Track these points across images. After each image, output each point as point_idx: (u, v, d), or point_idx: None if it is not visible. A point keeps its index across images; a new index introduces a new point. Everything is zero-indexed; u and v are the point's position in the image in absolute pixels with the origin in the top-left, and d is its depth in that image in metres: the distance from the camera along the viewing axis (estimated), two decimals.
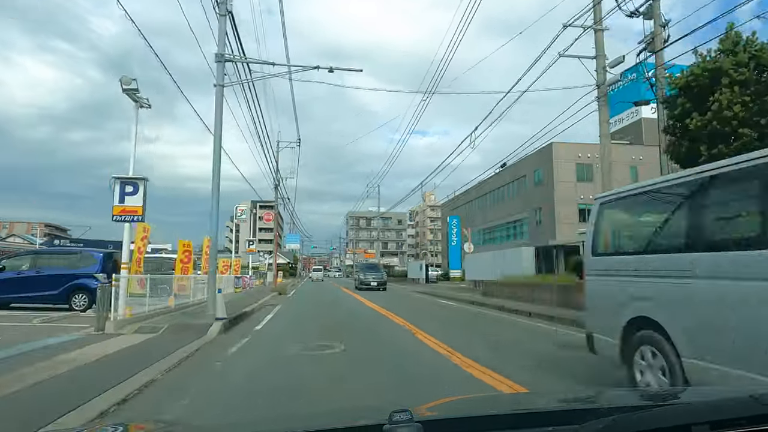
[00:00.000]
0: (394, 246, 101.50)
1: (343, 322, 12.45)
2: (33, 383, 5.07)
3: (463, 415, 1.45)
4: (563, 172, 39.31)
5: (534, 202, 42.21)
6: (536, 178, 42.41)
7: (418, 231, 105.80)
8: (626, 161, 40.02)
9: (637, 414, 1.12)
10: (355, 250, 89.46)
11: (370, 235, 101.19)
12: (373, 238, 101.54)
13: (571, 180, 39.36)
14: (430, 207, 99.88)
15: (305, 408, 4.54)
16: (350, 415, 1.80)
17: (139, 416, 4.15)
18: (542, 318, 12.47)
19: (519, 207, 44.77)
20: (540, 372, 6.29)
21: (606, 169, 13.75)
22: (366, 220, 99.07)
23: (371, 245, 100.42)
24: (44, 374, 5.45)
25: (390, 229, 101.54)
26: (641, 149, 40.73)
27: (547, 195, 39.88)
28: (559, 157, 39.29)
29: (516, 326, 11.77)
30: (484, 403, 2.04)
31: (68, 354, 6.78)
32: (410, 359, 7.24)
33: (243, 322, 11.93)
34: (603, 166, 13.87)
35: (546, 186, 40.38)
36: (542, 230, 39.77)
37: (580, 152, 39.74)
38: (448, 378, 5.92)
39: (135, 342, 8.12)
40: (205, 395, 5.15)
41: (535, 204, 41.99)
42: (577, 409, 1.44)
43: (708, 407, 1.20)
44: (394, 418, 1.04)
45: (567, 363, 6.84)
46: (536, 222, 42.25)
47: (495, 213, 51.04)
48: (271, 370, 6.56)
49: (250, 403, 4.74)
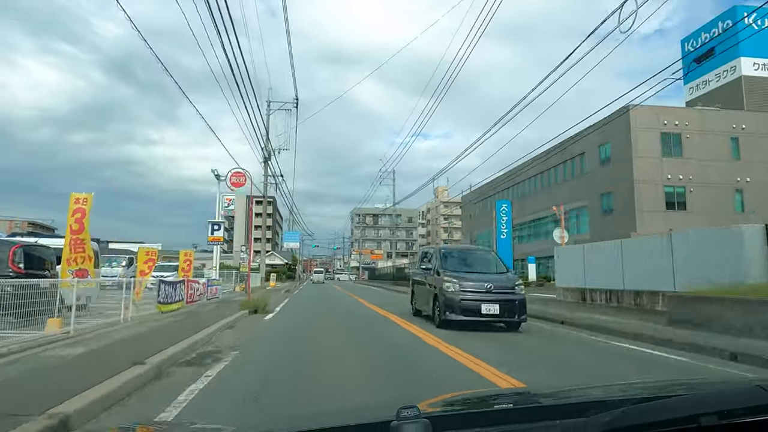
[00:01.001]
0: (403, 246, 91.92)
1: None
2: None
3: (470, 410, 1.46)
4: (644, 144, 29.98)
5: (598, 185, 32.95)
6: (602, 156, 33.11)
7: (429, 230, 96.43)
8: (723, 130, 30.80)
9: (645, 405, 1.12)
10: (361, 251, 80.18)
11: (378, 234, 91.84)
12: (381, 237, 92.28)
13: (654, 155, 30.05)
14: (443, 203, 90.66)
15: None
16: (357, 412, 1.87)
17: None
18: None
19: (574, 193, 35.46)
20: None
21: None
22: (373, 217, 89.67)
23: (378, 245, 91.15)
24: None
25: (399, 227, 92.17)
26: (743, 116, 31.49)
27: (619, 176, 30.60)
28: (638, 126, 29.94)
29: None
30: (491, 397, 1.84)
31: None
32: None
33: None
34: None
35: (617, 164, 31.09)
36: (613, 221, 30.44)
37: (666, 117, 30.44)
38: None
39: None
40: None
41: (601, 188, 32.73)
42: (584, 402, 1.38)
43: (716, 398, 1.18)
44: (402, 414, 1.01)
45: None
46: (602, 211, 32.96)
47: (535, 203, 41.75)
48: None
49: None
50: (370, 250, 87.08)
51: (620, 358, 7.34)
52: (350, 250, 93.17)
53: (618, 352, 7.89)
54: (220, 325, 9.17)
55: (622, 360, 7.23)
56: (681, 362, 6.91)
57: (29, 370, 4.83)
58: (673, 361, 7.04)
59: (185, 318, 10.30)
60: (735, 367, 6.42)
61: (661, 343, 8.21)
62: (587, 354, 7.83)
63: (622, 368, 6.61)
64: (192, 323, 9.17)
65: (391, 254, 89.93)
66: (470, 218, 58.69)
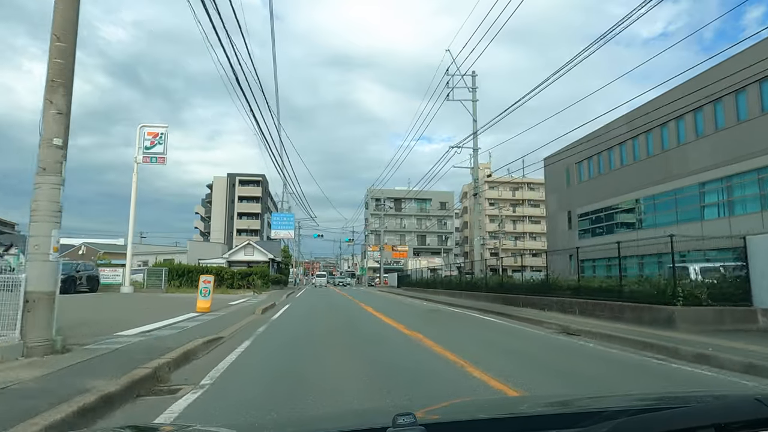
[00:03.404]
0: (435, 241, 70.04)
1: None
2: None
3: (466, 418, 1.43)
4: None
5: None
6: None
7: (467, 221, 74.49)
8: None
9: (642, 417, 1.11)
10: (382, 245, 58.50)
11: (401, 224, 70.04)
12: (405, 229, 70.47)
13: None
14: (488, 182, 68.69)
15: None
16: (354, 418, 1.82)
17: None
18: None
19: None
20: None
21: None
22: (394, 202, 67.90)
23: (401, 239, 69.33)
24: None
25: (429, 215, 70.35)
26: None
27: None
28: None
29: None
30: (487, 406, 1.95)
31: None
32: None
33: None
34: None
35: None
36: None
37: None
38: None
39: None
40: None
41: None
42: (581, 412, 1.34)
43: (713, 410, 1.18)
44: (398, 421, 1.01)
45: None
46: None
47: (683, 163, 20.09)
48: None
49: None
50: (392, 246, 65.21)
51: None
52: (363, 247, 71.36)
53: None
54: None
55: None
56: None
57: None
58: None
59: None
60: None
61: None
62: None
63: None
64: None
65: (419, 252, 67.98)
66: (567, 188, 36.89)
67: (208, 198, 72.48)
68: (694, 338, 7.94)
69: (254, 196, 67.60)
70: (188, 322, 10.19)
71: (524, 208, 68.48)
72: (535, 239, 68.33)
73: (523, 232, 68.20)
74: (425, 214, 70.66)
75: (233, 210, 67.69)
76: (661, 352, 7.17)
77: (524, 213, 68.46)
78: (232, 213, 67.58)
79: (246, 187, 68.97)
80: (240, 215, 67.60)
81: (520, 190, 67.44)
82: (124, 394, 4.21)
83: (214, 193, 69.96)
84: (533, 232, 68.30)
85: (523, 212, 68.48)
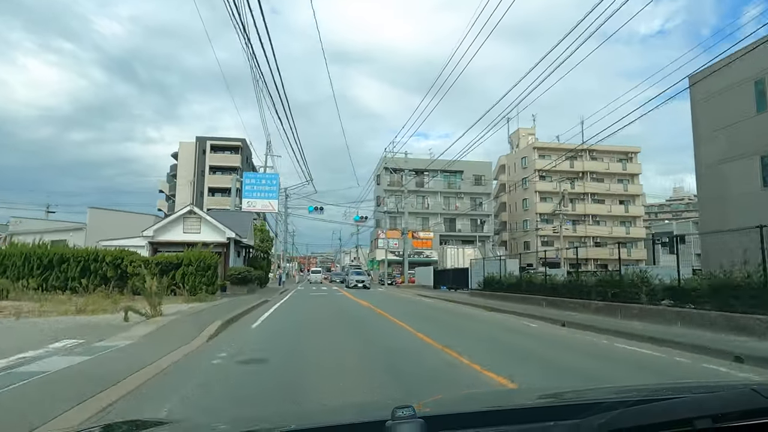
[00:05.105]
0: (468, 226, 54.12)
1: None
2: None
3: (465, 410, 1.43)
4: None
5: None
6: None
7: (505, 202, 58.51)
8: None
9: (640, 407, 1.10)
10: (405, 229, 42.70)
11: (425, 204, 54.01)
12: (429, 210, 54.67)
13: None
14: (537, 150, 52.77)
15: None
16: (353, 411, 1.83)
17: None
18: None
19: None
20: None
21: None
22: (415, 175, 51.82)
23: (423, 223, 53.42)
24: None
25: (460, 193, 54.55)
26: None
27: None
28: None
29: None
30: (486, 398, 1.95)
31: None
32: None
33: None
34: None
35: None
36: None
37: None
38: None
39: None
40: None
41: None
42: (579, 404, 1.35)
43: (710, 401, 1.17)
44: (397, 413, 1.00)
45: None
46: None
47: None
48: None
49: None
50: (412, 233, 49.25)
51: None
52: (374, 234, 55.50)
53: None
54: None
55: None
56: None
57: None
58: None
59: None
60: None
61: None
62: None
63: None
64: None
65: (446, 240, 52.09)
66: (755, 116, 20.82)
67: (173, 171, 56.46)
68: None
69: (231, 166, 51.62)
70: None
71: (586, 183, 52.74)
72: (598, 223, 52.67)
73: (585, 214, 52.49)
74: (455, 190, 54.73)
75: (204, 184, 51.71)
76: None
77: (585, 189, 52.76)
78: (202, 189, 51.60)
79: (220, 155, 53.01)
80: (212, 191, 51.65)
81: (579, 160, 51.63)
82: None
83: (180, 163, 54.06)
84: (597, 215, 52.69)
85: (584, 188, 52.75)
